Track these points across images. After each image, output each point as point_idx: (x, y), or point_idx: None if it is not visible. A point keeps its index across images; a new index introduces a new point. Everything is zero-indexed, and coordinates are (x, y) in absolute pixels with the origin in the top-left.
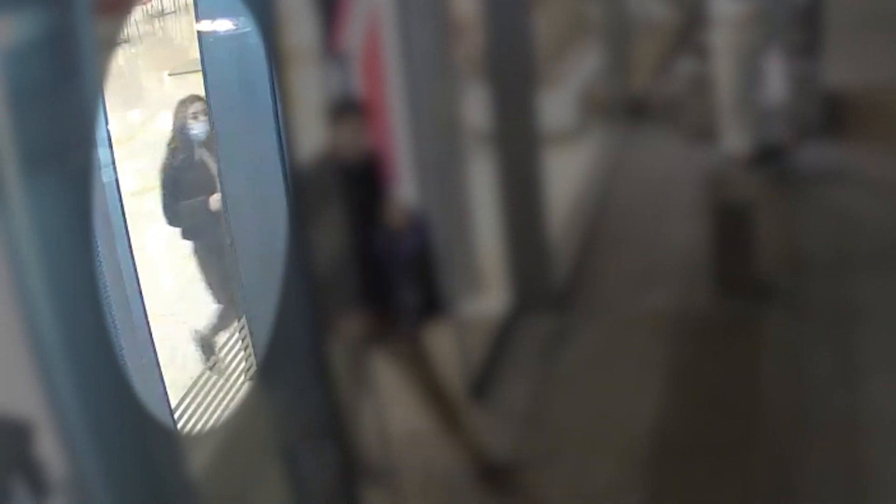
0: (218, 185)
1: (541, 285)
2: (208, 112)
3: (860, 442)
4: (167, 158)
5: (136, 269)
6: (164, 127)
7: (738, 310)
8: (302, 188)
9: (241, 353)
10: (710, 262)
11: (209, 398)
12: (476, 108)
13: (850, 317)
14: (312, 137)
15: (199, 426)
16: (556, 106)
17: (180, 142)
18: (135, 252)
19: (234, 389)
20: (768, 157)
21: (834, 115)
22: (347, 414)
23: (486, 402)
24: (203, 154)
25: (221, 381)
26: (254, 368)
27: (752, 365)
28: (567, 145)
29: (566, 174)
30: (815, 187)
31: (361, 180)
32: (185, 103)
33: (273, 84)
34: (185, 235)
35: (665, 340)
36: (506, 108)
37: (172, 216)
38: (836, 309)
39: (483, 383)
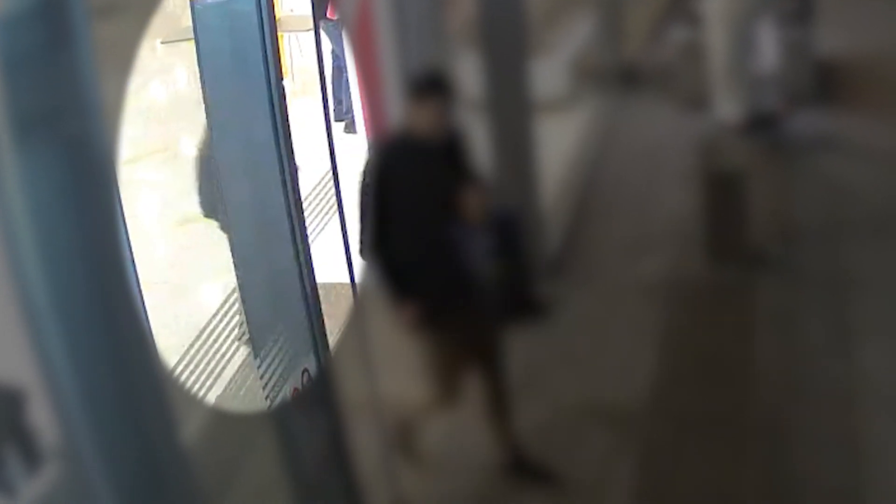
0: None
1: (534, 253)
2: (201, 79)
3: (854, 408)
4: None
5: (128, 237)
6: (156, 95)
7: (731, 277)
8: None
9: (235, 320)
10: (702, 230)
11: (203, 365)
12: (469, 76)
13: (844, 284)
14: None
15: (192, 394)
16: (549, 74)
17: None
18: (126, 220)
19: (227, 356)
20: (761, 124)
21: (826, 82)
22: (339, 382)
23: None
24: None
25: (215, 349)
26: (246, 335)
27: (746, 333)
28: (560, 113)
29: (559, 142)
30: (808, 155)
31: (441, 165)
32: None
33: (265, 51)
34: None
35: (658, 308)
36: (498, 75)
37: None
38: (830, 276)
39: None
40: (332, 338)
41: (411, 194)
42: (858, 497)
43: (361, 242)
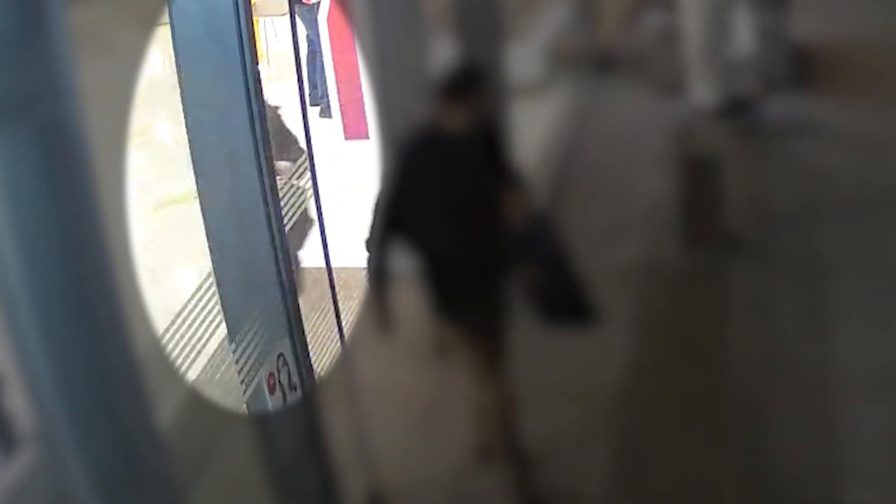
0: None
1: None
2: (176, 63)
3: (830, 391)
4: None
5: (110, 221)
6: None
7: (706, 262)
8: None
9: (210, 305)
10: (678, 215)
11: (178, 350)
12: (444, 59)
13: (819, 268)
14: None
15: (168, 378)
16: (524, 58)
17: None
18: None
19: (203, 341)
20: (736, 109)
21: (802, 67)
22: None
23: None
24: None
25: (190, 333)
26: (223, 321)
27: (722, 317)
28: (535, 97)
29: (534, 126)
30: (783, 139)
31: (476, 161)
32: None
33: (241, 36)
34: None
35: (633, 292)
36: (474, 59)
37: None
38: (805, 260)
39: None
40: (308, 322)
41: (441, 191)
42: (834, 479)
43: (370, 234)
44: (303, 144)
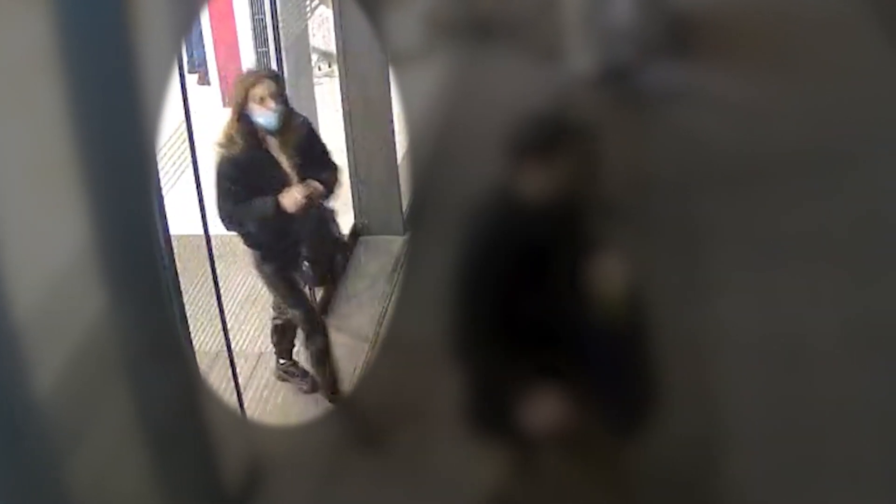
0: (292, 180)
1: (388, 207)
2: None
3: (711, 359)
4: (225, 149)
5: None
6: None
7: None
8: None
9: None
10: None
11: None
12: (323, 28)
13: (698, 235)
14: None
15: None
16: (403, 27)
17: (241, 129)
18: None
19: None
20: (614, 76)
21: (680, 35)
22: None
23: (335, 323)
24: (272, 145)
25: None
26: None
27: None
28: (413, 66)
29: (413, 95)
30: (661, 107)
31: (570, 239)
32: (248, 82)
33: (121, 4)
34: (252, 241)
35: None
36: (352, 28)
37: (234, 219)
38: (685, 228)
39: (331, 305)
40: (185, 289)
41: (524, 272)
42: (716, 447)
43: (457, 344)
44: (334, 158)
